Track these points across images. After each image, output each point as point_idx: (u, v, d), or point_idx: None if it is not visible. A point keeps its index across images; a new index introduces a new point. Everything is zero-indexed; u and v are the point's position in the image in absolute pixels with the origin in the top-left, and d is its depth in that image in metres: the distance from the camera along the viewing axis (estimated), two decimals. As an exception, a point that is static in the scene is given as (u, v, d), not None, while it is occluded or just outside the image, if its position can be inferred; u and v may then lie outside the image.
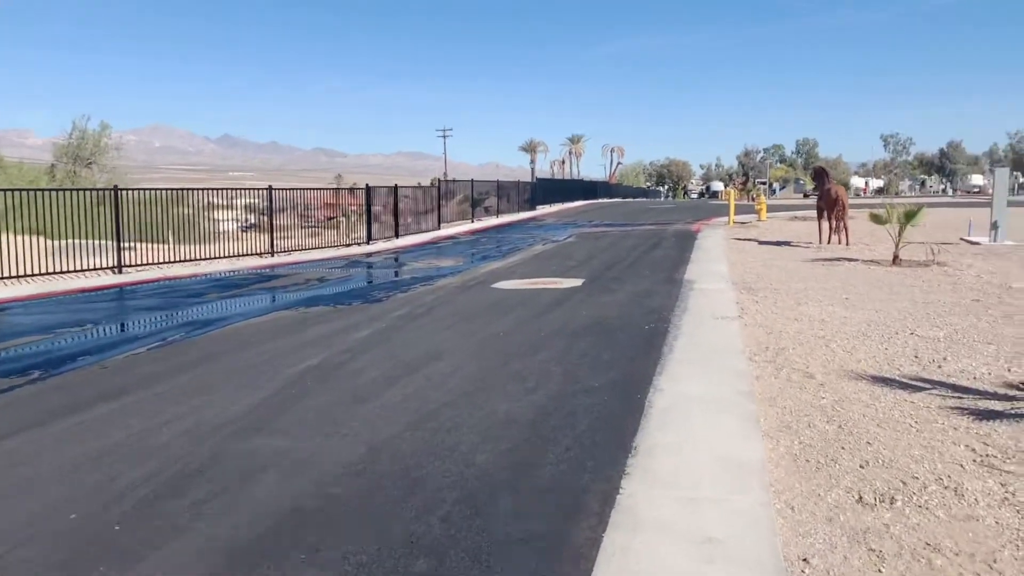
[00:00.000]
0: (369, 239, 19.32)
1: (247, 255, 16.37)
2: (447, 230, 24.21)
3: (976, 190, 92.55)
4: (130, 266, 14.05)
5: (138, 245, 14.79)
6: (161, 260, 14.67)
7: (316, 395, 5.67)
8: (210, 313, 9.81)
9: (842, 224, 16.48)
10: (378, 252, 17.98)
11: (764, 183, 70.45)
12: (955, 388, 5.49)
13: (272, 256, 16.54)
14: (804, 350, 6.78)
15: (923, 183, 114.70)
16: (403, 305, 9.90)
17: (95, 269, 13.52)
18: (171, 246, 15.47)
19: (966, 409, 4.94)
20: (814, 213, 30.53)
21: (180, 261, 15.02)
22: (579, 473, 4.01)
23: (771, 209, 27.02)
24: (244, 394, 5.71)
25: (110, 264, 13.75)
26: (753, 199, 49.93)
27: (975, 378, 5.77)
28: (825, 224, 17.34)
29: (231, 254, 16.14)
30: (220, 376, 6.34)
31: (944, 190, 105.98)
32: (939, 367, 6.11)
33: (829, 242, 16.85)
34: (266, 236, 16.87)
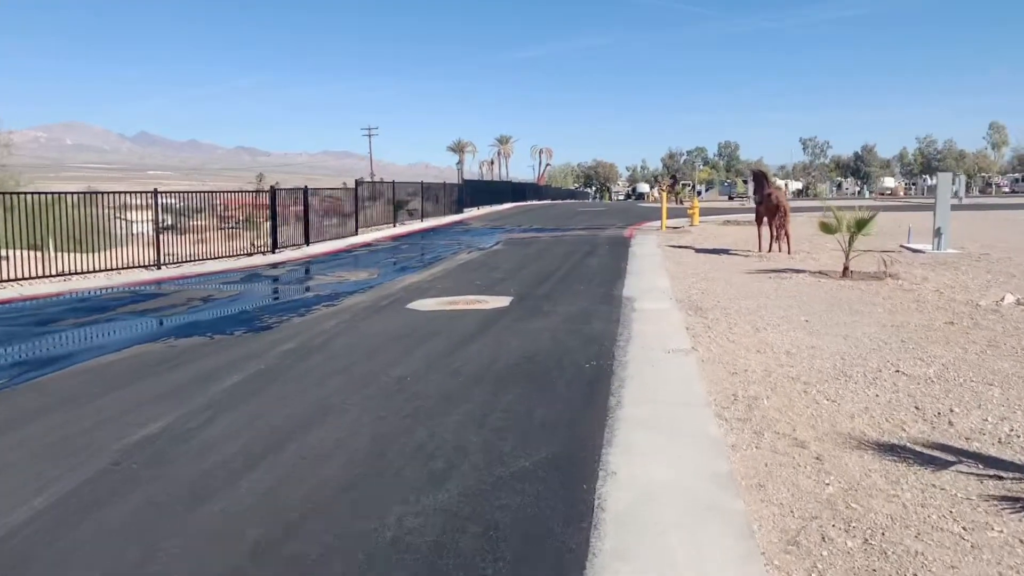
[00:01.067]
0: (275, 247, 17.45)
1: (132, 267, 14.32)
2: (366, 235, 22.47)
3: (888, 192, 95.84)
4: (-21, 283, 11.89)
5: (12, 254, 12.56)
6: (32, 275, 12.50)
7: (137, 491, 4.04)
8: (52, 349, 7.95)
9: (784, 232, 15.59)
10: (284, 262, 16.15)
11: (688, 185, 70.80)
12: (984, 460, 4.28)
13: (159, 269, 14.52)
14: (781, 400, 5.51)
15: (839, 185, 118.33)
16: (295, 335, 8.26)
17: (-68, 288, 11.33)
18: (51, 255, 13.34)
19: (1019, 501, 3.71)
20: (747, 217, 30.23)
21: (48, 276, 12.88)
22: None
23: (701, 212, 26.34)
24: (27, 493, 4.03)
25: (-48, 281, 11.57)
26: (681, 202, 49.70)
27: (1000, 441, 4.59)
28: (765, 231, 16.44)
29: (113, 267, 14.05)
30: (13, 457, 4.63)
31: (860, 192, 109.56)
32: (950, 423, 4.92)
33: (770, 250, 15.94)
34: (182, 240, 14.81)
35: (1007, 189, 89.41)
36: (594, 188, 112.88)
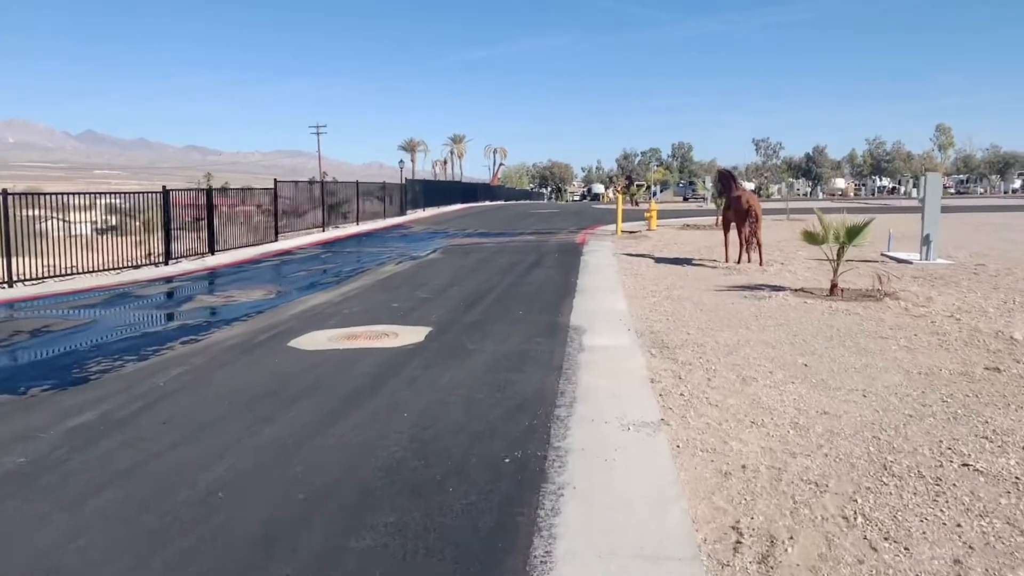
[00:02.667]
0: (168, 258, 14.88)
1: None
2: (287, 242, 19.96)
3: (839, 193, 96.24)
4: None
5: None
6: None
7: None
8: None
9: (755, 240, 13.65)
10: (173, 277, 13.63)
11: (643, 185, 69.12)
12: None
13: (10, 287, 11.90)
14: (811, 542, 3.39)
15: (791, 186, 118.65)
16: (112, 394, 5.91)
17: None
18: None
19: None
20: (706, 220, 28.14)
21: None
22: None
23: (658, 215, 24.35)
24: None
25: None
26: (637, 203, 47.93)
27: None
28: (734, 238, 14.50)
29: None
30: None
31: (811, 192, 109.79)
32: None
33: (739, 261, 13.99)
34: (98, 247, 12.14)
35: (953, 190, 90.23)
36: (549, 189, 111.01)
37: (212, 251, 16.46)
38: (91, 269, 13.46)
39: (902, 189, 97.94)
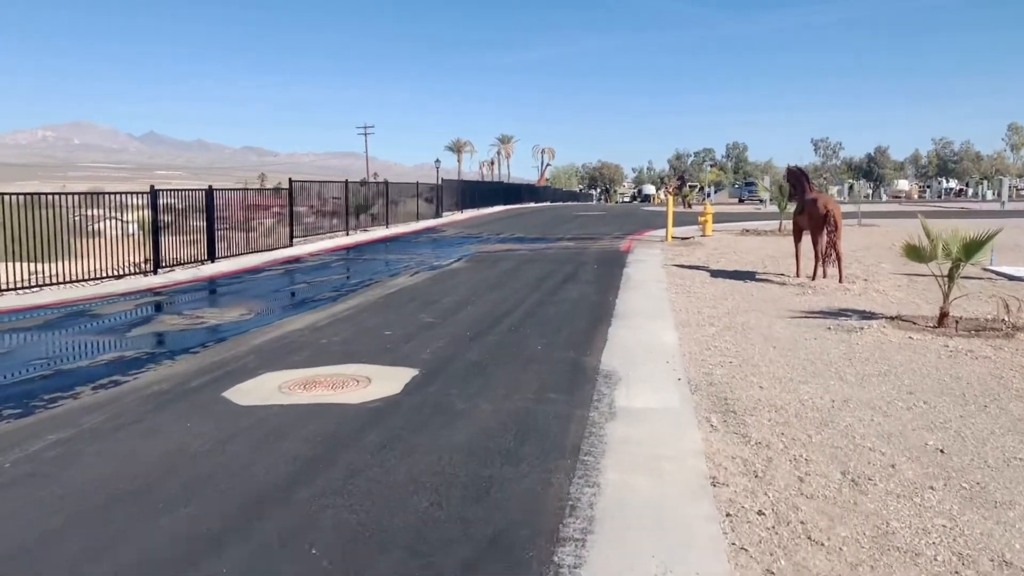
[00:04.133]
0: (157, 267, 13.25)
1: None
2: (303, 247, 18.28)
3: (903, 195, 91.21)
4: None
5: None
6: None
7: None
8: None
9: (834, 252, 11.34)
10: (153, 289, 11.96)
11: (696, 186, 65.96)
12: None
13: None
14: None
15: (851, 187, 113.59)
16: (-78, 486, 4.09)
17: None
18: None
19: None
20: (767, 225, 25.24)
21: None
22: None
23: (713, 219, 21.92)
24: None
25: None
26: (690, 205, 45.24)
27: None
28: (807, 248, 12.22)
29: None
30: None
31: (872, 194, 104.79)
32: None
33: (815, 277, 11.69)
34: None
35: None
36: (598, 190, 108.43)
37: (212, 258, 14.82)
38: (68, 279, 11.88)
39: (970, 191, 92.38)
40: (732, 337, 7.76)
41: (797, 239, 12.50)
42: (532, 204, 51.19)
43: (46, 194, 12.40)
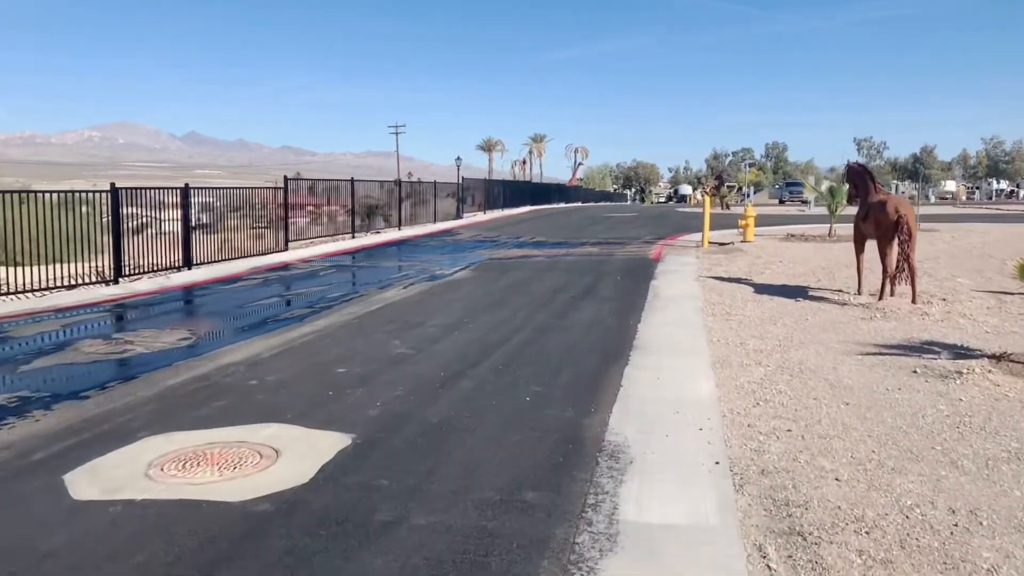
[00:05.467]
0: (118, 275, 11.68)
1: None
2: (298, 251, 16.66)
3: (949, 196, 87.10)
4: None
5: None
6: None
7: None
8: None
9: (907, 265, 9.31)
10: (101, 302, 10.36)
11: (733, 187, 63.00)
12: None
13: None
14: None
15: (895, 188, 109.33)
16: None
17: None
18: None
19: None
20: (814, 229, 22.01)
21: None
22: None
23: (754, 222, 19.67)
24: None
25: None
26: (728, 206, 42.82)
27: None
28: (872, 259, 10.20)
29: None
30: None
31: (916, 196, 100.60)
32: None
33: (882, 296, 9.65)
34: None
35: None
36: (633, 190, 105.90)
37: (188, 264, 13.24)
38: (10, 291, 10.35)
39: (1022, 192, 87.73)
40: (787, 385, 5.84)
41: (859, 249, 10.47)
42: (562, 205, 49.30)
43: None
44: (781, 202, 54.30)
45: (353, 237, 19.94)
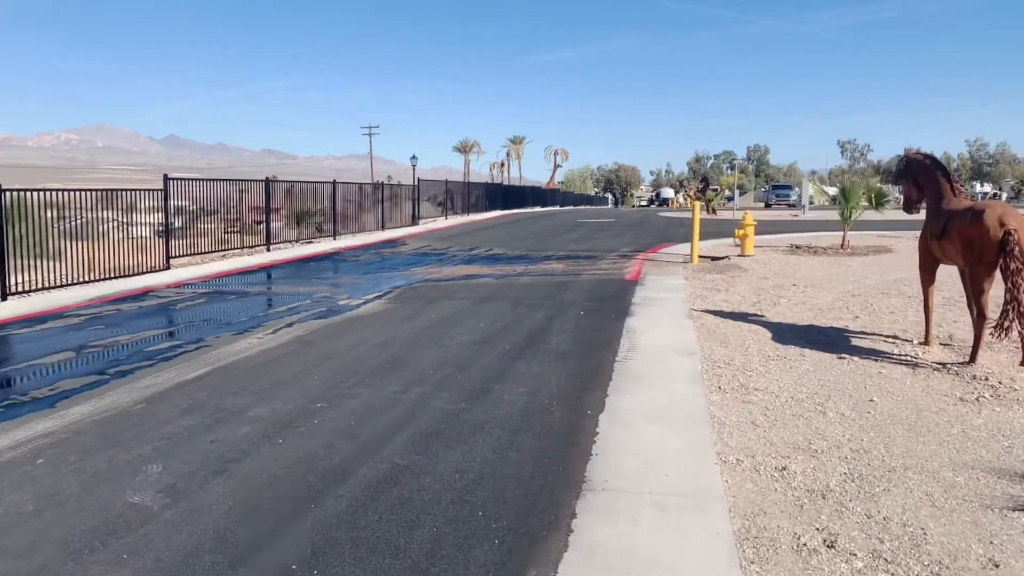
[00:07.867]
0: None
1: None
2: (180, 272, 13.11)
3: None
4: None
5: None
6: None
7: None
8: None
9: (1018, 305, 6.00)
10: None
11: (716, 190, 59.68)
12: None
13: None
14: None
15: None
16: None
17: None
18: None
19: None
20: (824, 239, 17.68)
21: None
22: None
23: (739, 226, 16.16)
24: None
25: None
26: (714, 211, 39.43)
27: None
28: (940, 296, 6.87)
29: None
30: None
31: (899, 199, 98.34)
32: None
33: (975, 356, 6.28)
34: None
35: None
36: (614, 193, 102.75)
37: (4, 295, 9.69)
38: None
39: (1003, 195, 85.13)
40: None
41: (928, 279, 7.11)
42: (537, 209, 45.92)
43: None
44: (767, 206, 51.23)
45: (268, 250, 16.42)
